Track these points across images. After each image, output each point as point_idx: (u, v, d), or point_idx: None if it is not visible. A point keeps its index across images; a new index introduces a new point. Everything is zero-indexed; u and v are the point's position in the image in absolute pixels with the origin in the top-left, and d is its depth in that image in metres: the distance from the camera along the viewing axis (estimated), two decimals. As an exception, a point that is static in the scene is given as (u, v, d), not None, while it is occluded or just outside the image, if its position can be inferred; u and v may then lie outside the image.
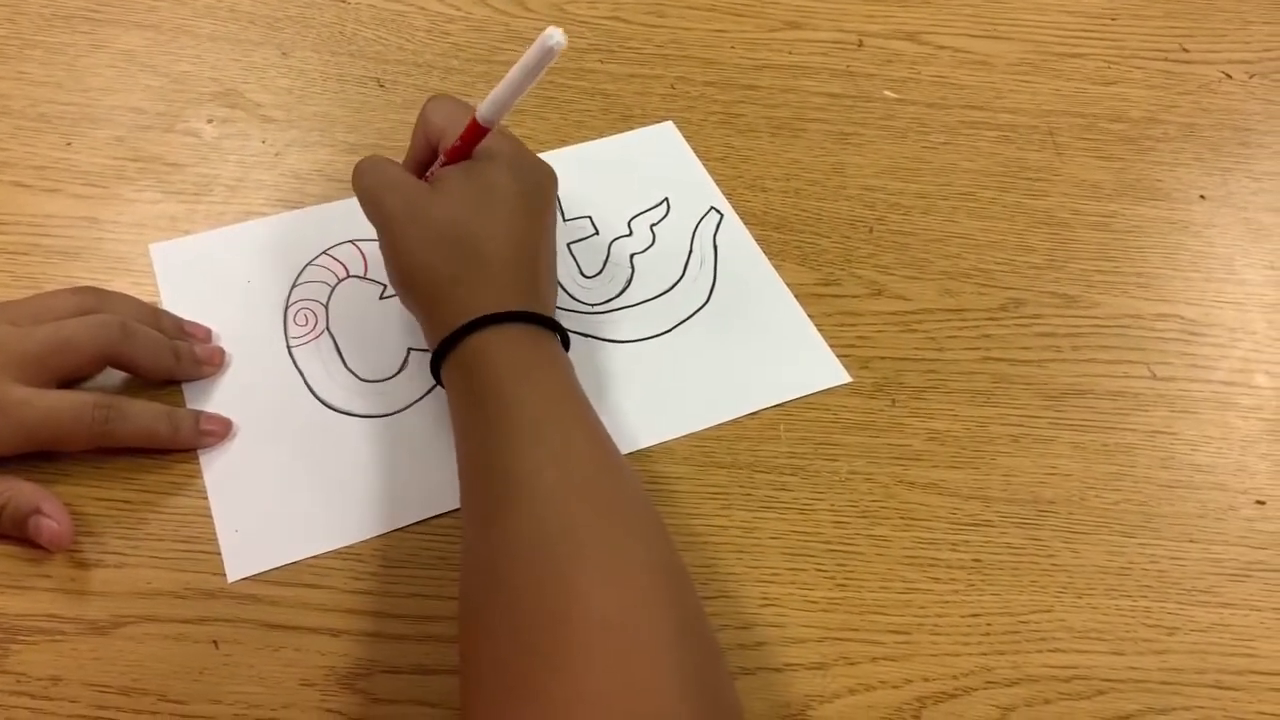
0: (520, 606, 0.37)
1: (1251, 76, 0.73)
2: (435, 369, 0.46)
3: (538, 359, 0.45)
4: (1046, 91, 0.71)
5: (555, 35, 0.43)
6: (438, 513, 0.49)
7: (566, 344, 0.47)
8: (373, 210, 0.49)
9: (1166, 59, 0.74)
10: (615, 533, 0.39)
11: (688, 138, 0.66)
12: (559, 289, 0.58)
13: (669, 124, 0.67)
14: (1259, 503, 0.52)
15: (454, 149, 0.49)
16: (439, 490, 0.49)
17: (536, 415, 0.42)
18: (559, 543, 0.38)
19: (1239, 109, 0.71)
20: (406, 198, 0.48)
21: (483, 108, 0.47)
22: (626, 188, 0.63)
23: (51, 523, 0.45)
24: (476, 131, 0.48)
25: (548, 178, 0.51)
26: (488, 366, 0.44)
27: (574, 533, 0.39)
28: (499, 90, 0.46)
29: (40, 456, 0.48)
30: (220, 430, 0.50)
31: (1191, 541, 0.51)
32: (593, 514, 0.40)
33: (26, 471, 0.47)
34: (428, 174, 0.51)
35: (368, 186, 0.50)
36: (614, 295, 0.58)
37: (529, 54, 0.44)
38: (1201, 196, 0.66)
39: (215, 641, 0.45)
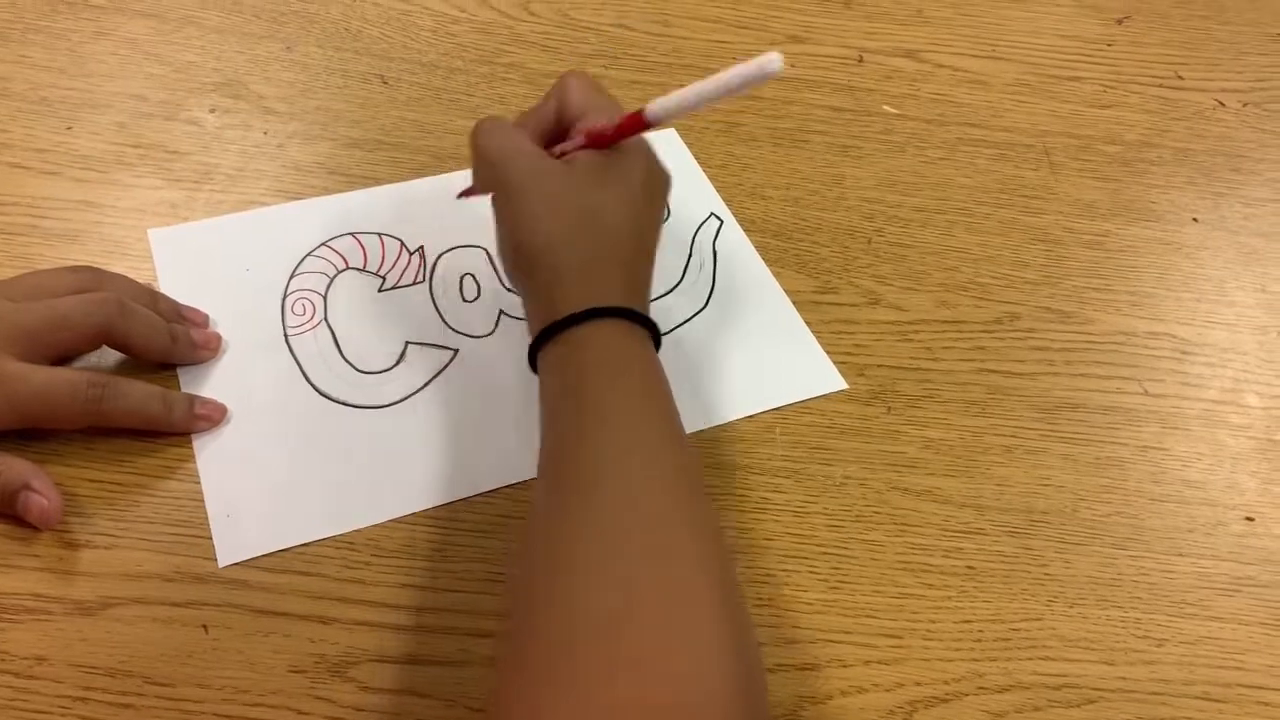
0: (584, 598, 0.36)
1: (1245, 105, 0.74)
2: (535, 347, 0.45)
3: (639, 359, 0.44)
4: (1043, 112, 0.72)
5: (777, 62, 0.40)
6: (431, 504, 0.49)
7: (658, 344, 0.46)
8: (497, 174, 0.47)
9: (1162, 85, 0.75)
10: (689, 546, 0.38)
11: (689, 145, 0.66)
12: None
13: (671, 131, 0.67)
14: (1248, 519, 0.53)
15: (603, 135, 0.47)
16: (432, 482, 0.49)
17: (633, 416, 0.42)
18: (633, 543, 0.38)
19: (1232, 136, 0.72)
20: (541, 171, 0.46)
21: (656, 106, 0.45)
22: (627, 191, 0.63)
23: (40, 499, 0.45)
24: (638, 126, 0.46)
25: (668, 183, 0.50)
26: (593, 357, 0.43)
27: (650, 536, 0.38)
28: (685, 94, 0.44)
29: (32, 435, 0.48)
30: (214, 415, 0.50)
31: (1181, 555, 0.51)
32: (673, 524, 0.39)
33: (17, 450, 0.47)
34: (558, 149, 0.49)
35: (494, 149, 0.47)
36: (613, 296, 0.58)
37: (740, 70, 0.41)
38: (1194, 219, 0.67)
39: (204, 626, 0.44)
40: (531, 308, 0.47)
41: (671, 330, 0.57)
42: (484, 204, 0.48)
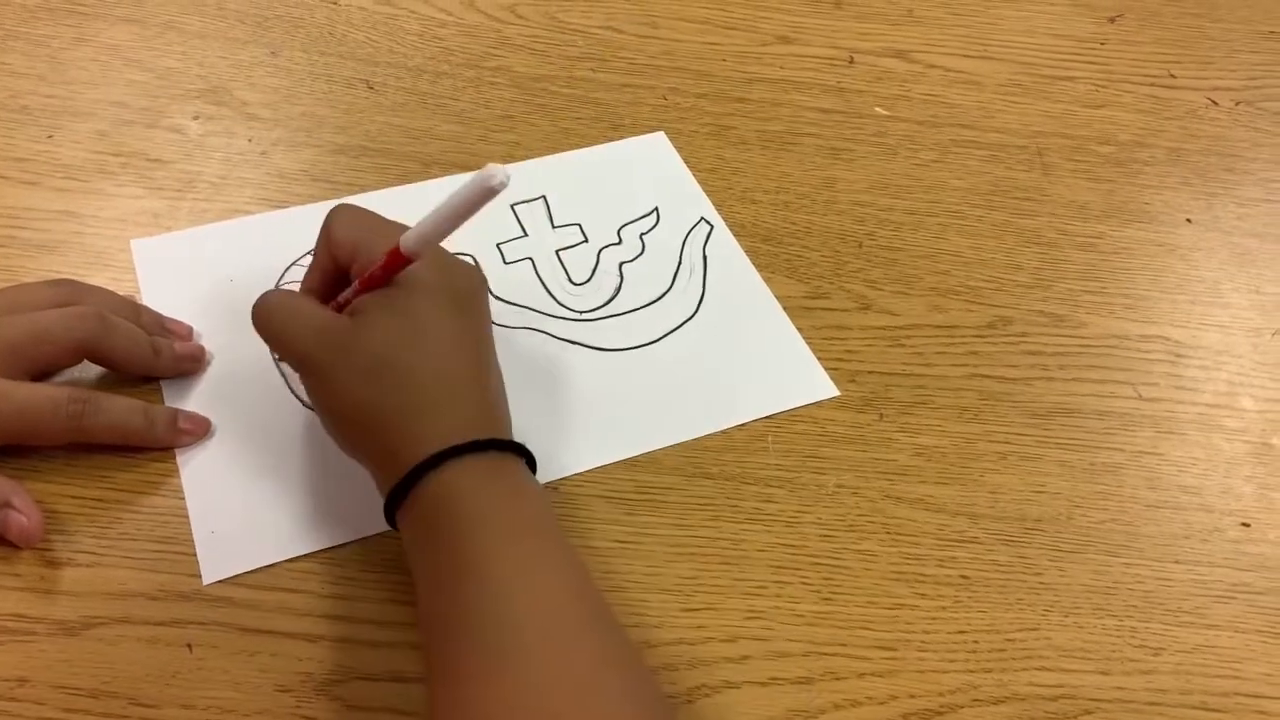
0: None
1: (1238, 104, 0.74)
2: (390, 515, 0.42)
3: (506, 493, 0.41)
4: (1035, 113, 0.72)
5: (499, 175, 0.37)
6: (420, 518, 0.48)
7: (533, 464, 0.43)
8: (290, 355, 0.45)
9: (1154, 84, 0.75)
10: (609, 685, 0.37)
11: (678, 148, 0.66)
12: (549, 296, 0.57)
13: (660, 134, 0.66)
14: (1244, 525, 0.52)
15: (372, 277, 0.43)
16: (421, 495, 0.49)
17: (515, 561, 0.39)
18: (553, 701, 0.36)
19: (1225, 135, 0.72)
20: (327, 336, 0.43)
21: (409, 239, 0.42)
22: (617, 196, 0.63)
23: (21, 517, 0.44)
24: (399, 262, 0.42)
25: (477, 285, 0.46)
26: (453, 508, 0.40)
27: (567, 689, 0.36)
28: (429, 223, 0.41)
29: (11, 452, 0.47)
30: (198, 430, 0.49)
31: (1177, 562, 0.51)
32: (585, 668, 0.37)
33: (-3, 467, 0.46)
34: (340, 298, 0.46)
35: (278, 331, 0.44)
36: (602, 303, 0.58)
37: (466, 189, 0.39)
38: (1188, 220, 0.66)
39: (189, 645, 0.44)
40: (376, 474, 0.43)
41: (662, 337, 0.56)
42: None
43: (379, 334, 0.42)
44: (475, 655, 0.37)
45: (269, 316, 0.45)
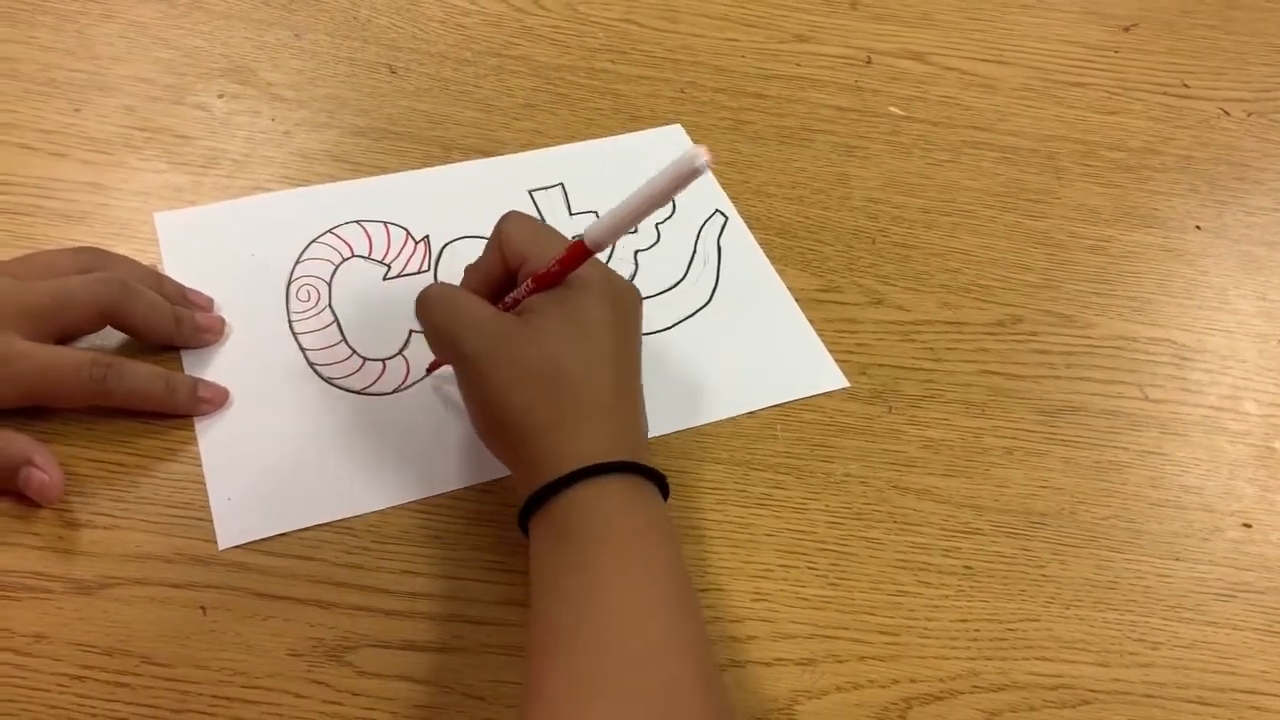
0: None
1: (1249, 114, 0.75)
2: (524, 518, 0.42)
3: (640, 525, 0.41)
4: (1049, 117, 0.72)
5: (700, 156, 0.37)
6: (432, 493, 0.49)
7: (666, 491, 0.43)
8: (451, 350, 0.45)
9: (1167, 93, 0.75)
10: None
11: (695, 141, 0.66)
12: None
13: (677, 126, 0.67)
14: (1245, 525, 0.53)
15: (549, 274, 0.44)
16: (434, 470, 0.49)
17: (637, 604, 0.39)
18: None
19: (1236, 145, 0.72)
20: (493, 336, 0.43)
21: (595, 232, 0.42)
22: (633, 186, 0.63)
23: (42, 475, 0.45)
24: (580, 256, 0.43)
25: (636, 302, 0.47)
26: (586, 530, 0.40)
27: None
28: (619, 213, 0.41)
29: (34, 415, 0.48)
30: (217, 399, 0.50)
31: (1178, 560, 0.51)
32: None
33: (20, 429, 0.46)
34: (509, 299, 0.46)
35: (443, 325, 0.45)
36: (617, 289, 0.58)
37: (667, 173, 0.39)
38: (1197, 227, 0.67)
39: (203, 608, 0.44)
40: (517, 475, 0.44)
41: (675, 324, 0.57)
42: (487, 198, 0.48)
43: (549, 337, 0.43)
44: (574, 677, 0.37)
45: (434, 307, 0.45)
